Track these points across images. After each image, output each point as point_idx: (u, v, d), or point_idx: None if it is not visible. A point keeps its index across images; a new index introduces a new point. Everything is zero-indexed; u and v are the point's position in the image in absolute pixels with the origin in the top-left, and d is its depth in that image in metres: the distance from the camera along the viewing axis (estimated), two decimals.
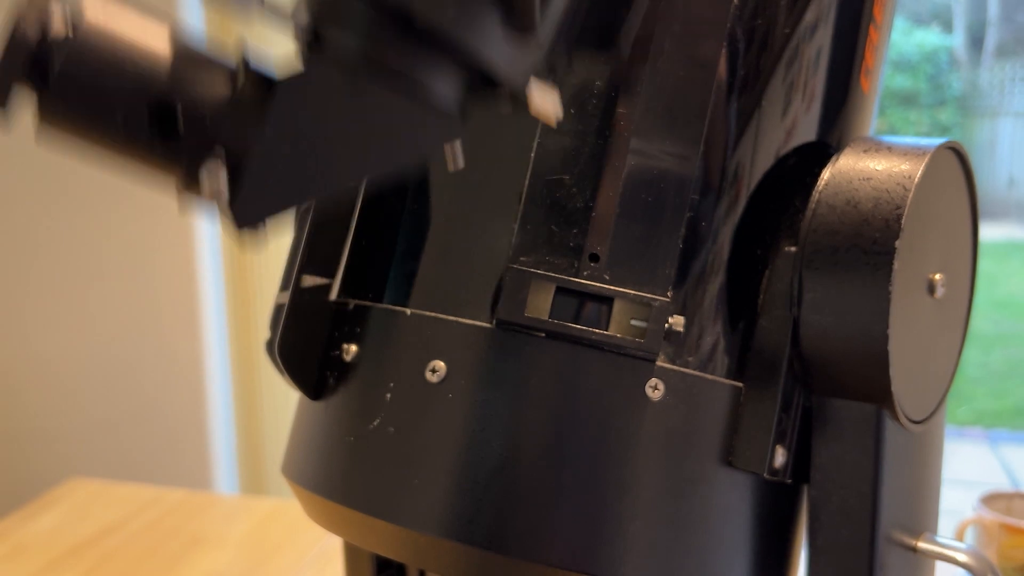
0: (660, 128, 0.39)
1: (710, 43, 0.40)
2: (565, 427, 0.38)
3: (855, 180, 0.39)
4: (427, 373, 0.39)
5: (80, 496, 1.14)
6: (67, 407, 1.35)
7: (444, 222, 0.41)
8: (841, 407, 0.40)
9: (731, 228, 0.40)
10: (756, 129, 0.40)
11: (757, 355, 0.40)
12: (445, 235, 0.41)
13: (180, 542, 1.02)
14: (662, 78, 0.39)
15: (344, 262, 0.43)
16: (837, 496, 0.41)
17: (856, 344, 0.38)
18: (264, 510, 1.10)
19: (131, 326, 1.32)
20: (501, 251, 0.39)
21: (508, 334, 0.38)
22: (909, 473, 0.43)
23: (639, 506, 0.38)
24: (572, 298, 0.38)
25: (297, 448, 0.44)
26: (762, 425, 0.39)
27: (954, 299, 0.44)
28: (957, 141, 0.42)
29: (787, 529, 0.42)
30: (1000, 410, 2.90)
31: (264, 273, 1.32)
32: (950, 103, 3.13)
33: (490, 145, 0.41)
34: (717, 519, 0.39)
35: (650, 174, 0.39)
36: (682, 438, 0.38)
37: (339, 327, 0.43)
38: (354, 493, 0.40)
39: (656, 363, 0.38)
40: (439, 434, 0.38)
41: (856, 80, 0.43)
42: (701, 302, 0.39)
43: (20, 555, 0.99)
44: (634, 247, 0.39)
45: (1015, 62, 3.12)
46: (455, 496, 0.38)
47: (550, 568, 0.37)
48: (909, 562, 0.43)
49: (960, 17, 3.10)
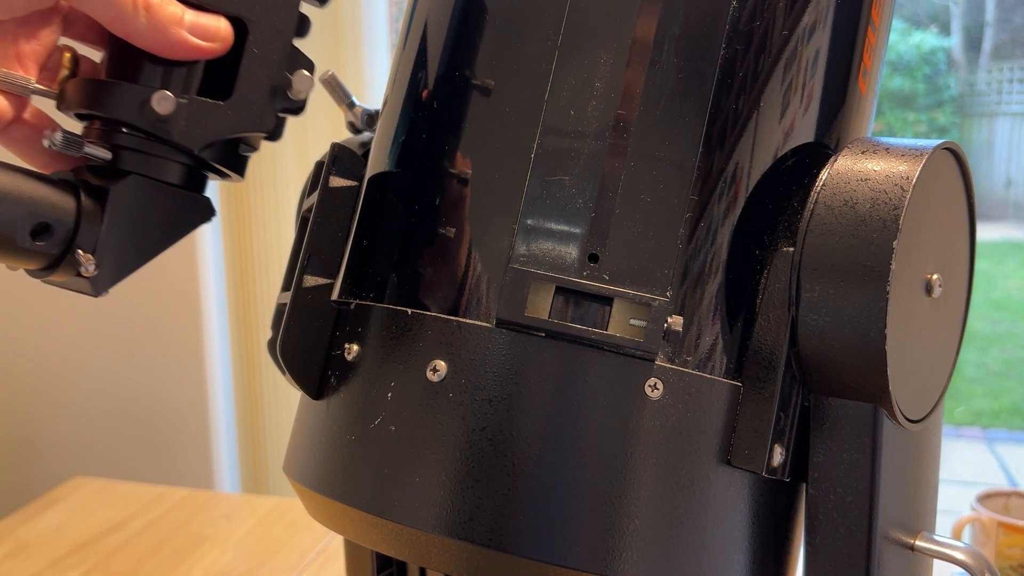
0: (659, 129, 0.39)
1: (709, 44, 0.40)
2: (564, 426, 0.38)
3: (853, 181, 0.39)
4: (428, 372, 0.39)
5: (83, 495, 1.14)
6: (70, 406, 1.35)
7: (445, 222, 0.41)
8: (839, 406, 0.41)
9: (730, 228, 0.40)
10: (754, 130, 0.41)
11: (755, 355, 0.40)
12: (446, 235, 0.41)
13: (182, 540, 1.02)
14: (662, 79, 0.39)
15: (345, 262, 0.44)
16: (835, 495, 0.41)
17: (854, 344, 0.38)
18: (266, 508, 1.10)
19: (134, 325, 1.32)
20: (501, 251, 0.40)
21: (508, 334, 0.39)
22: (907, 472, 0.43)
23: (638, 504, 0.38)
24: (572, 298, 0.39)
25: (299, 447, 0.44)
26: (760, 424, 0.39)
27: (951, 299, 0.45)
28: (954, 142, 0.42)
29: (785, 527, 0.43)
30: (997, 410, 2.90)
31: (266, 273, 1.32)
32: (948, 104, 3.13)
33: (490, 145, 0.41)
34: (715, 517, 0.39)
35: (649, 174, 0.39)
36: (681, 437, 0.39)
37: (340, 327, 0.43)
38: (355, 491, 0.40)
39: (655, 363, 0.38)
40: (440, 433, 0.39)
41: (854, 81, 0.44)
42: (700, 302, 0.40)
43: (23, 553, 0.99)
44: (633, 247, 0.39)
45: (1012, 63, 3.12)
46: (455, 494, 0.38)
47: (550, 566, 0.38)
48: (907, 560, 0.44)
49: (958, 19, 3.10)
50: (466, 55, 0.43)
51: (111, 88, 0.41)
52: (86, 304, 1.31)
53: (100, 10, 0.40)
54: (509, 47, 0.41)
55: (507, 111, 0.41)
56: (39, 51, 0.43)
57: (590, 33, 0.40)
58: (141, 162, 0.42)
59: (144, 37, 0.40)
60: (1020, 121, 3.19)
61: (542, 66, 0.40)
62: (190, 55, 0.41)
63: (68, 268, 0.41)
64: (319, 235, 0.44)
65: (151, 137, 0.41)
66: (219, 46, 0.41)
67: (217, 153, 0.43)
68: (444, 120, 0.42)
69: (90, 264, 0.41)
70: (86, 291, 0.42)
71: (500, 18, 0.42)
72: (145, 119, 0.40)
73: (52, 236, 0.40)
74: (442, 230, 0.41)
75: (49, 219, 0.40)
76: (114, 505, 1.11)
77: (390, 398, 0.40)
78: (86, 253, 0.41)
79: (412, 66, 0.45)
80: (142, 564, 0.97)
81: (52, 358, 1.35)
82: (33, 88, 0.43)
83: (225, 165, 0.44)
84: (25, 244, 0.39)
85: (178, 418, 1.31)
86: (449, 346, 0.39)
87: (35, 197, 0.40)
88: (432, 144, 0.42)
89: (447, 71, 0.43)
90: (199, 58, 0.41)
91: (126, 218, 0.42)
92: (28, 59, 0.43)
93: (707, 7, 0.40)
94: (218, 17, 0.41)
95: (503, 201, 0.40)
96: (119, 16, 0.40)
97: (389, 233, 0.43)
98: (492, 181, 0.41)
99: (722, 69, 0.40)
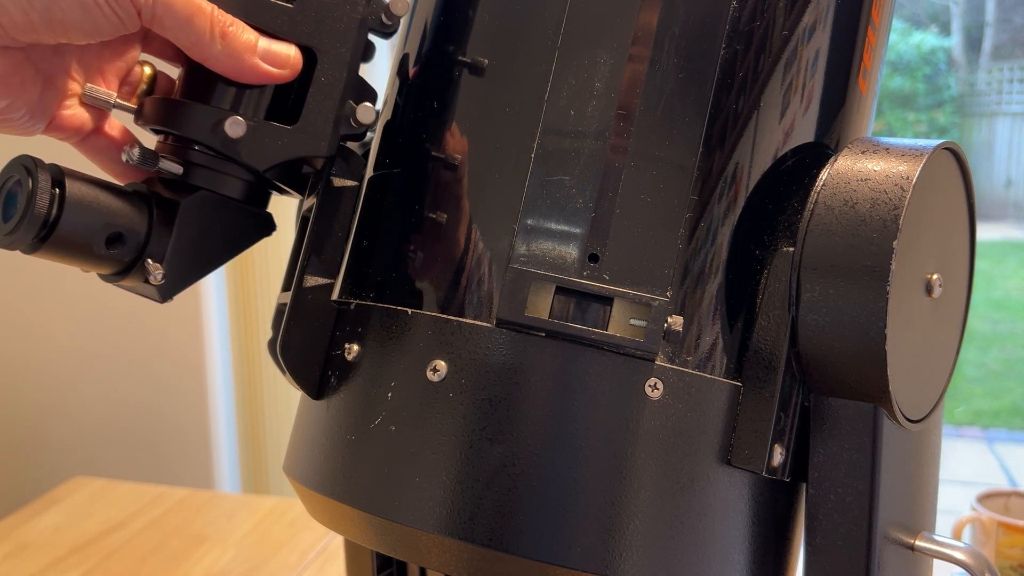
0: (659, 129, 0.39)
1: (709, 44, 0.40)
2: (564, 426, 0.38)
3: (853, 181, 0.39)
4: (428, 372, 0.39)
5: (83, 495, 1.14)
6: (70, 406, 1.35)
7: (445, 222, 0.41)
8: (839, 406, 0.41)
9: (730, 228, 0.40)
10: (755, 130, 0.41)
11: (755, 354, 0.40)
12: (446, 235, 0.41)
13: (182, 540, 1.02)
14: (662, 79, 0.40)
15: (345, 262, 0.44)
16: (835, 494, 0.41)
17: (854, 343, 0.38)
18: (266, 508, 1.10)
19: (134, 325, 1.32)
20: (501, 251, 0.40)
21: (508, 334, 0.39)
22: (907, 472, 0.43)
23: (638, 504, 0.38)
24: (572, 298, 0.39)
25: (299, 447, 0.44)
26: (760, 424, 0.39)
27: (951, 299, 0.45)
28: (954, 142, 0.42)
29: (785, 527, 0.43)
30: (997, 409, 2.90)
31: (266, 273, 1.32)
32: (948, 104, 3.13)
33: (490, 145, 0.41)
34: (716, 518, 0.39)
35: (649, 174, 0.39)
36: (681, 437, 0.39)
37: (341, 327, 0.43)
38: (355, 491, 0.40)
39: (655, 362, 0.38)
40: (440, 433, 0.39)
41: (854, 81, 0.44)
42: (700, 302, 0.40)
43: (23, 553, 0.99)
44: (633, 247, 0.39)
45: (1012, 63, 3.12)
46: (455, 494, 0.38)
47: (550, 566, 0.38)
48: (906, 560, 0.44)
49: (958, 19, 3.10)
50: (466, 55, 0.43)
51: (186, 108, 0.44)
52: (87, 304, 1.31)
53: (179, 35, 0.42)
54: (509, 47, 0.41)
55: (507, 111, 0.41)
56: (121, 67, 0.46)
57: (590, 33, 0.40)
58: (210, 178, 0.44)
59: (219, 62, 0.43)
60: (1020, 121, 3.19)
61: (542, 66, 0.40)
62: (261, 80, 0.43)
63: (138, 275, 0.44)
64: (319, 235, 0.44)
65: (221, 156, 0.44)
66: (288, 73, 0.44)
67: (281, 173, 0.45)
68: (444, 120, 0.42)
69: (158, 272, 0.43)
70: (153, 297, 0.45)
71: (500, 18, 0.42)
72: (216, 139, 0.43)
73: (125, 245, 0.43)
74: (442, 230, 0.41)
75: (123, 229, 0.42)
76: (114, 505, 1.11)
77: (390, 398, 0.40)
78: (155, 262, 0.43)
79: (412, 66, 0.45)
80: (142, 564, 0.97)
81: (52, 358, 1.35)
82: (114, 103, 0.45)
83: (287, 184, 0.46)
84: (100, 251, 0.42)
85: (178, 418, 1.31)
86: (449, 346, 0.39)
87: (111, 208, 0.42)
88: (432, 144, 0.42)
89: (447, 71, 0.43)
90: (269, 83, 0.44)
91: (193, 230, 0.44)
92: (110, 74, 0.46)
93: (707, 7, 0.40)
94: (289, 45, 0.44)
95: (503, 201, 0.40)
96: (197, 42, 0.42)
97: (389, 233, 0.43)
98: (492, 181, 0.41)
99: (722, 69, 0.40)
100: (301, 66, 0.44)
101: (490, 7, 0.42)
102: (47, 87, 0.44)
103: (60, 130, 0.45)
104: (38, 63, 0.43)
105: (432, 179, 0.42)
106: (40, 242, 0.41)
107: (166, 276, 0.43)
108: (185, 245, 0.44)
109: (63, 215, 0.41)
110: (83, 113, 0.45)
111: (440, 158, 0.42)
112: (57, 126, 0.45)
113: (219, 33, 0.42)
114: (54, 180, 0.41)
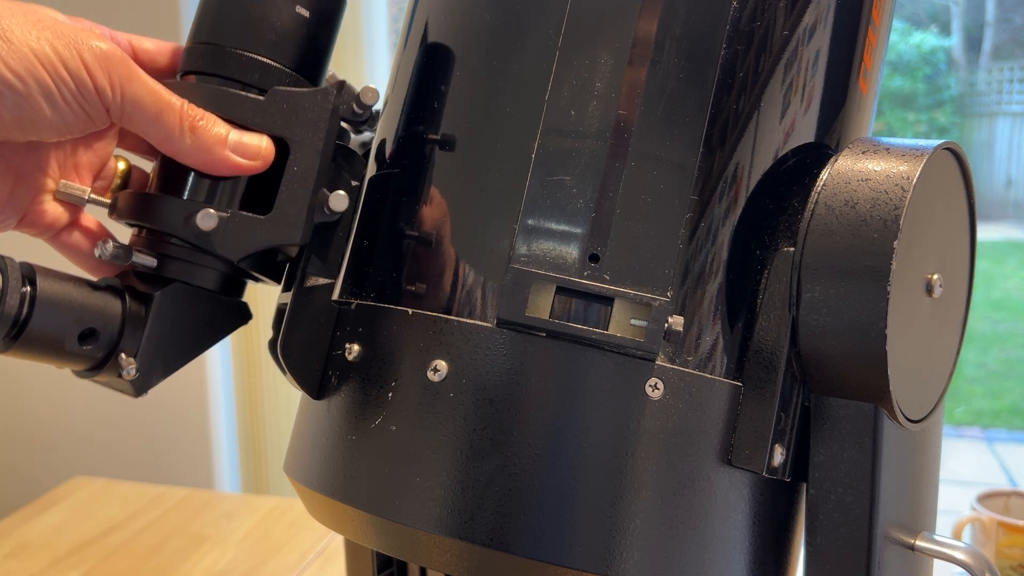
0: (660, 129, 0.39)
1: (710, 44, 0.40)
2: (565, 426, 0.38)
3: (853, 181, 0.39)
4: (429, 372, 0.39)
5: (83, 494, 1.14)
6: (70, 406, 1.35)
7: (445, 222, 0.41)
8: (839, 406, 0.41)
9: (730, 228, 0.40)
10: (755, 130, 0.41)
11: (756, 355, 0.40)
12: (446, 235, 0.41)
13: (182, 540, 1.02)
14: (662, 79, 0.40)
15: (346, 262, 0.44)
16: (835, 494, 0.41)
17: (854, 343, 0.38)
18: (266, 508, 1.10)
19: None
20: (502, 251, 0.40)
21: (509, 334, 0.39)
22: (907, 472, 0.43)
23: (638, 504, 0.38)
24: (572, 298, 0.39)
25: (299, 446, 0.44)
26: (761, 424, 0.39)
27: (952, 299, 0.45)
28: (955, 142, 0.42)
29: (786, 527, 0.43)
30: (997, 409, 2.90)
31: None
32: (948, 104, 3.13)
33: (491, 146, 0.41)
34: (716, 517, 0.39)
35: (650, 175, 0.39)
36: (681, 437, 0.39)
37: (341, 327, 0.43)
38: (356, 491, 0.40)
39: (656, 362, 0.38)
40: (440, 433, 0.39)
41: (855, 82, 0.44)
42: (700, 302, 0.40)
43: (23, 553, 0.99)
44: (634, 247, 0.39)
45: (1012, 63, 3.12)
46: (456, 494, 0.38)
47: (550, 566, 0.38)
48: (907, 560, 0.44)
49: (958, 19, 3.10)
50: (467, 56, 0.43)
51: (158, 202, 0.44)
52: None
53: (149, 131, 0.42)
54: (510, 47, 0.41)
55: (508, 111, 0.41)
56: (95, 162, 0.46)
57: (591, 33, 0.40)
58: (184, 270, 0.45)
59: (190, 156, 0.43)
60: (1020, 121, 3.19)
61: (543, 66, 0.40)
62: (233, 172, 0.43)
63: (111, 370, 0.43)
64: (320, 236, 0.44)
65: (195, 248, 0.44)
66: (260, 164, 0.44)
67: (255, 262, 0.45)
68: (444, 120, 0.42)
69: (131, 367, 0.43)
70: (127, 392, 0.45)
71: (501, 19, 0.42)
72: (190, 232, 0.43)
73: (98, 340, 0.42)
74: (443, 230, 0.41)
75: (96, 324, 0.42)
76: (114, 505, 1.11)
77: (391, 398, 0.40)
78: (128, 357, 0.43)
79: (412, 67, 0.45)
80: (142, 564, 0.97)
81: None
82: (88, 199, 0.46)
83: (262, 272, 0.46)
84: (73, 348, 0.42)
85: (178, 418, 1.31)
86: (450, 346, 0.39)
87: (83, 304, 0.42)
88: (432, 144, 0.42)
89: (447, 71, 0.43)
90: (241, 174, 0.44)
91: (168, 322, 0.44)
92: (84, 169, 0.46)
93: (708, 7, 0.40)
94: (261, 136, 0.44)
95: (504, 201, 0.40)
96: (167, 137, 0.42)
97: (390, 233, 0.43)
98: (493, 181, 0.41)
99: (723, 69, 0.40)
100: (273, 157, 0.44)
101: (491, 8, 0.42)
102: (19, 184, 0.44)
103: (32, 226, 0.45)
104: (10, 159, 0.43)
105: (433, 179, 0.42)
106: (11, 341, 0.41)
107: (139, 370, 0.43)
108: (159, 338, 0.44)
109: (34, 314, 0.41)
110: (56, 208, 0.45)
111: (440, 158, 0.42)
112: (30, 222, 0.45)
113: (189, 127, 0.42)
114: (25, 278, 0.41)
